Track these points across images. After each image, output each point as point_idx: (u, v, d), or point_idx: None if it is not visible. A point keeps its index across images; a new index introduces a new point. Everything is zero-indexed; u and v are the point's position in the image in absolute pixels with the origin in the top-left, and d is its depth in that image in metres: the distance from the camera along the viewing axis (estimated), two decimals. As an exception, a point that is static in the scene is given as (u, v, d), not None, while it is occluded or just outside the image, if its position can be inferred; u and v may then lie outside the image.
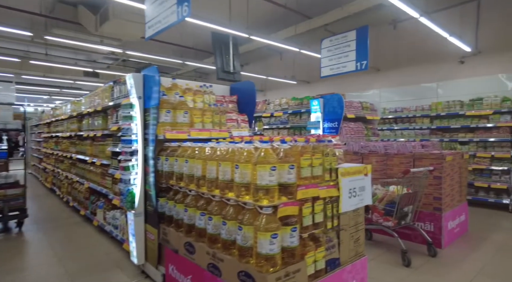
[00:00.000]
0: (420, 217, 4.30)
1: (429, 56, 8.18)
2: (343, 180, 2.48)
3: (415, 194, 4.04)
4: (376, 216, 4.09)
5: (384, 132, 8.26)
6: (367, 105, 5.93)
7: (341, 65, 5.36)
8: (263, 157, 2.04)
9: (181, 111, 3.25)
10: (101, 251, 4.11)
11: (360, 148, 5.08)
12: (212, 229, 2.43)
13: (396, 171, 4.57)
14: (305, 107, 6.02)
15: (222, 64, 5.86)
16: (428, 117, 7.41)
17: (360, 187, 2.66)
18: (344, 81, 9.78)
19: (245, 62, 13.19)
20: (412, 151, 4.50)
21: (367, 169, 2.74)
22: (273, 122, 6.76)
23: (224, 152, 2.41)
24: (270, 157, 2.05)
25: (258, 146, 2.15)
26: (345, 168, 2.50)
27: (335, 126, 5.41)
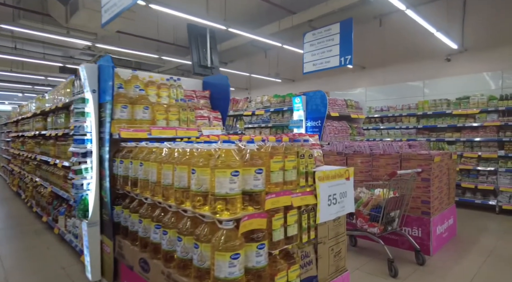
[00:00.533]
0: (407, 222, 4.03)
1: (415, 54, 7.99)
2: (321, 186, 2.15)
3: (402, 198, 3.76)
4: (361, 222, 3.79)
5: (369, 131, 8.03)
6: (352, 103, 5.65)
7: (325, 60, 5.06)
8: (223, 160, 1.68)
9: (141, 106, 2.85)
10: (57, 264, 3.67)
11: (344, 148, 4.78)
12: (167, 244, 2.06)
13: (382, 173, 4.29)
14: (288, 105, 5.69)
15: (199, 58, 5.47)
16: (415, 116, 7.21)
17: (341, 193, 2.33)
18: (329, 79, 9.53)
19: (229, 60, 12.81)
20: (399, 151, 4.23)
21: (349, 172, 2.41)
22: (254, 121, 6.41)
23: (182, 154, 2.04)
24: (231, 160, 1.69)
25: (220, 147, 1.79)
26: (324, 172, 2.17)
27: (318, 125, 5.10)
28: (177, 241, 1.95)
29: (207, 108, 3.64)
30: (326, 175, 2.19)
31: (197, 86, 3.89)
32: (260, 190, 1.78)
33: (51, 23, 7.87)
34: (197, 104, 3.55)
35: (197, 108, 3.43)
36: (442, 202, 4.23)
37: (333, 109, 5.21)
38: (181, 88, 3.41)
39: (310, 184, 2.13)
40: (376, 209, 3.68)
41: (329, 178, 2.22)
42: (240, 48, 10.89)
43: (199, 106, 3.55)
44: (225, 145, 1.73)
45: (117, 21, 7.79)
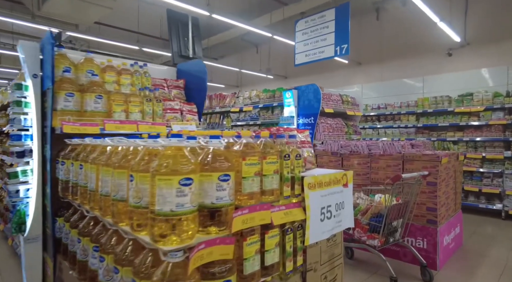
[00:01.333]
0: (410, 232, 3.56)
1: (414, 49, 7.56)
2: (312, 195, 1.64)
3: (406, 205, 3.28)
4: (359, 233, 3.30)
5: (366, 130, 7.57)
6: (348, 99, 5.17)
7: (318, 51, 4.57)
8: (168, 162, 1.16)
9: (92, 95, 2.32)
10: (2, 283, 3.10)
11: (339, 147, 4.29)
12: (104, 276, 1.53)
13: (382, 176, 3.81)
14: (278, 100, 5.19)
15: (179, 48, 4.93)
16: (414, 114, 6.76)
17: (337, 204, 1.83)
18: (324, 76, 9.06)
19: (219, 55, 12.27)
20: (401, 151, 3.75)
21: (347, 177, 1.91)
22: (242, 118, 5.90)
23: (123, 154, 1.51)
24: (181, 163, 1.17)
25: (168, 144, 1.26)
26: (315, 177, 1.66)
27: (311, 122, 4.61)
28: (113, 272, 1.43)
29: (180, 100, 3.12)
30: (319, 181, 1.68)
31: (171, 74, 3.37)
32: (226, 204, 1.27)
33: (21, 11, 7.25)
34: (167, 95, 3.02)
35: (167, 99, 2.90)
36: (449, 208, 3.76)
37: (327, 105, 4.73)
38: (148, 76, 2.87)
39: (297, 193, 1.63)
40: (377, 218, 3.20)
41: (322, 185, 1.72)
42: (230, 43, 10.37)
43: (169, 97, 3.02)
44: (173, 141, 1.21)
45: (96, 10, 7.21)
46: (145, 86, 2.83)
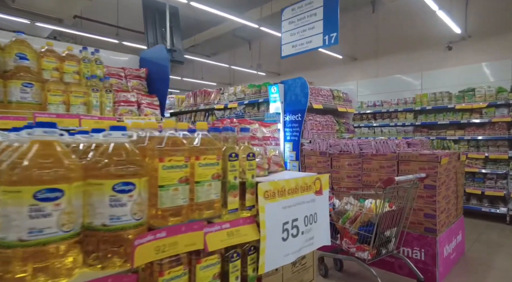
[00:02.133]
0: (406, 241, 3.16)
1: (412, 43, 7.17)
2: (270, 207, 1.24)
3: (401, 212, 2.88)
4: (347, 243, 2.90)
5: (361, 129, 7.18)
6: (340, 94, 4.78)
7: (306, 41, 4.17)
8: (26, 165, 0.76)
9: (18, 82, 1.92)
10: None
11: (328, 147, 3.89)
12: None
13: (375, 178, 3.41)
14: (264, 96, 4.80)
15: (155, 39, 4.55)
16: (412, 111, 6.37)
17: (308, 217, 1.43)
18: (317, 72, 8.67)
19: (211, 52, 11.87)
20: (396, 151, 3.35)
21: (321, 182, 1.51)
22: (227, 115, 5.50)
23: None
24: (43, 166, 0.77)
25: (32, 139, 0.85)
26: (275, 183, 1.27)
27: (298, 119, 4.21)
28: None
29: (141, 92, 2.72)
30: (280, 188, 1.29)
31: (133, 63, 2.97)
32: (127, 225, 0.87)
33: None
34: (123, 86, 2.62)
35: (121, 91, 2.50)
36: (449, 214, 3.36)
37: (316, 100, 4.33)
38: (100, 63, 2.47)
39: (249, 205, 1.23)
40: (367, 227, 2.80)
41: (285, 193, 1.32)
42: (222, 39, 9.98)
43: (125, 88, 2.62)
44: (37, 133, 0.81)
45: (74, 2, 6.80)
46: (95, 74, 2.43)
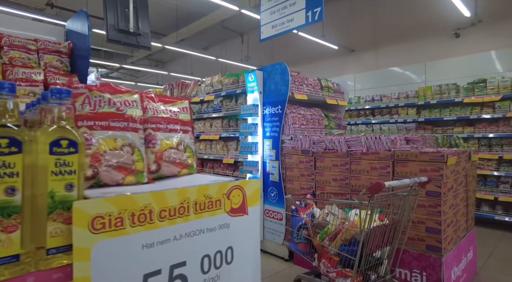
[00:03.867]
0: (403, 261, 2.52)
1: (414, 31, 6.50)
2: (103, 249, 0.62)
3: (395, 226, 2.24)
4: (326, 266, 2.27)
5: (358, 127, 6.52)
6: (329, 84, 4.14)
7: (287, 19, 3.55)
8: None
9: None
10: None
11: (311, 144, 3.26)
12: None
13: (366, 181, 2.78)
14: (243, 86, 4.18)
15: (116, 20, 3.93)
16: (414, 106, 5.70)
17: (210, 257, 0.80)
18: (311, 65, 8.04)
19: (203, 47, 11.30)
20: (391, 148, 2.71)
21: (242, 192, 0.89)
22: (205, 109, 4.89)
23: None
24: None
25: None
26: (123, 200, 0.63)
27: (279, 112, 3.59)
28: None
29: (59, 70, 2.11)
30: (137, 209, 0.65)
31: (56, 35, 2.36)
32: None
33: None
34: (30, 61, 2.01)
35: (24, 66, 1.89)
36: (458, 228, 2.70)
37: (299, 89, 3.69)
38: (-10, 29, 1.86)
39: (58, 244, 0.60)
40: (350, 246, 2.16)
41: (151, 217, 0.69)
42: (212, 32, 9.41)
43: (33, 65, 2.01)
44: None
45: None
46: (-16, 44, 1.82)
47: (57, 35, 2.36)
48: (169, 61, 13.93)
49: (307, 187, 3.26)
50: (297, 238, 2.60)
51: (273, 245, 3.57)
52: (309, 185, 3.24)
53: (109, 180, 0.78)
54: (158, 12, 9.03)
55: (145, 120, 0.93)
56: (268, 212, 3.66)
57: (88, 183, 0.75)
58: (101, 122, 0.79)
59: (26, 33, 2.24)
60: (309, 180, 3.26)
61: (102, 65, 13.07)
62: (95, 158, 0.76)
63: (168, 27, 9.97)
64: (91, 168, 0.75)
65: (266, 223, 3.68)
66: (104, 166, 0.76)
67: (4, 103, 0.56)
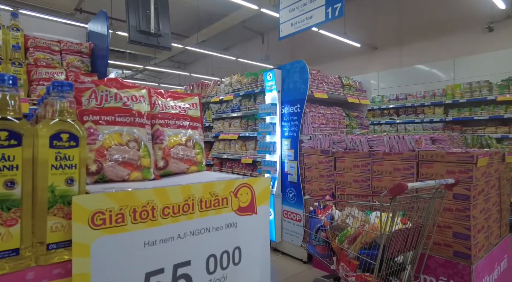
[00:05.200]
0: (429, 267, 2.39)
1: (443, 25, 6.20)
2: (104, 245, 0.60)
3: (419, 229, 2.12)
4: (345, 270, 2.18)
5: (382, 126, 6.30)
6: (350, 82, 4.02)
7: (306, 16, 3.48)
8: None
9: None
10: None
11: (331, 144, 3.17)
12: None
13: (388, 183, 2.66)
14: (261, 85, 4.14)
15: (138, 21, 4.03)
16: (442, 105, 5.43)
17: (216, 257, 0.77)
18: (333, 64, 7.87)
19: (224, 48, 11.38)
20: (415, 148, 2.58)
21: (251, 190, 0.85)
22: (224, 109, 4.90)
23: None
24: None
25: None
26: (123, 196, 0.61)
27: (297, 111, 3.52)
28: None
29: (80, 70, 2.17)
30: (138, 205, 0.63)
31: (79, 36, 2.44)
32: None
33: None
34: (53, 61, 2.07)
35: (44, 66, 1.96)
36: (490, 234, 2.53)
37: (319, 88, 3.61)
38: (17, 30, 1.94)
39: (58, 240, 0.59)
40: (370, 249, 2.07)
41: (153, 214, 0.67)
42: (233, 33, 9.44)
43: (56, 65, 2.07)
44: None
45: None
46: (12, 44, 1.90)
47: (80, 36, 2.43)
48: (191, 62, 14.15)
49: (327, 188, 3.17)
50: (315, 240, 2.53)
51: (292, 247, 3.51)
52: (329, 186, 3.16)
53: (114, 176, 0.77)
54: (179, 14, 9.19)
55: (153, 115, 0.92)
56: (286, 213, 3.60)
57: (93, 178, 0.74)
58: (107, 117, 0.78)
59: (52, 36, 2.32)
60: (328, 181, 3.17)
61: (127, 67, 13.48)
62: (100, 153, 0.75)
63: (189, 29, 10.12)
64: (95, 163, 0.74)
65: (285, 224, 3.62)
66: (109, 161, 0.75)
67: (4, 95, 0.56)
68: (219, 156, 4.72)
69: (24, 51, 2.04)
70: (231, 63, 9.91)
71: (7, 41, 1.90)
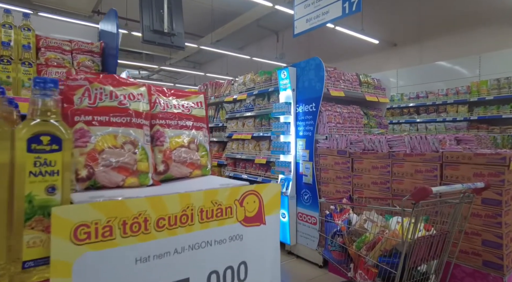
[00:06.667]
0: (455, 277, 2.23)
1: (467, 20, 5.91)
2: (88, 262, 0.52)
3: (444, 237, 1.97)
4: (363, 278, 2.06)
5: (401, 126, 6.08)
6: (368, 80, 3.86)
7: (322, 11, 3.35)
8: None
9: None
10: None
11: (348, 144, 3.04)
12: None
13: (409, 185, 2.52)
14: (275, 84, 4.04)
15: (151, 21, 4.02)
16: (466, 103, 5.16)
17: (219, 274, 0.69)
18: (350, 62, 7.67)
19: (238, 47, 11.33)
20: (439, 149, 2.42)
21: (259, 198, 0.76)
22: (237, 109, 4.82)
23: None
24: None
25: None
26: (110, 206, 0.54)
27: (313, 110, 3.40)
28: None
29: (91, 70, 2.14)
30: (129, 216, 0.56)
31: (91, 35, 2.42)
32: None
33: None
34: (64, 61, 2.05)
35: (55, 66, 1.94)
36: (522, 242, 2.33)
37: (335, 86, 3.48)
38: (28, 30, 1.93)
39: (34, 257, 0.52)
40: (391, 257, 1.94)
41: (146, 227, 0.59)
42: (247, 32, 9.37)
43: (67, 65, 2.05)
44: None
45: None
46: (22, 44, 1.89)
47: (93, 37, 2.42)
48: (206, 62, 14.20)
49: (343, 190, 3.04)
50: (331, 245, 2.42)
51: (307, 250, 3.40)
52: (346, 188, 3.02)
53: (108, 182, 0.70)
54: (194, 14, 9.21)
55: (153, 115, 0.85)
56: (301, 215, 3.49)
57: (83, 185, 0.67)
58: (101, 117, 0.72)
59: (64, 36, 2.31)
60: (345, 183, 3.04)
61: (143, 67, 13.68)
62: (92, 156, 0.68)
63: (204, 29, 10.14)
64: (86, 168, 0.67)
65: (299, 227, 3.51)
66: (101, 166, 0.69)
67: None
68: (232, 156, 4.65)
69: (35, 51, 2.03)
70: (246, 63, 9.85)
71: (19, 41, 1.89)
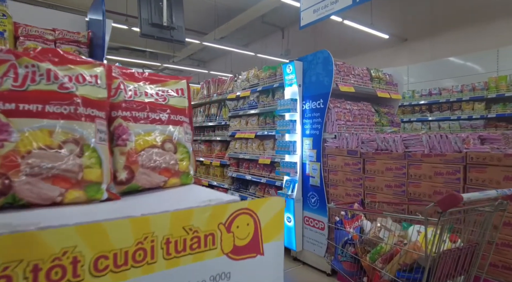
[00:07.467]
0: (480, 294, 1.97)
1: (483, 11, 5.60)
2: None
3: (472, 249, 1.73)
4: (378, 294, 1.83)
5: (413, 124, 5.80)
6: (380, 75, 3.61)
7: (330, 1, 3.12)
8: None
9: None
10: None
11: (359, 143, 2.80)
12: None
13: (428, 189, 2.28)
14: (280, 79, 3.82)
15: (150, 14, 3.82)
16: (483, 100, 4.88)
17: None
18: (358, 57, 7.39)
19: (243, 44, 11.11)
20: (462, 149, 2.18)
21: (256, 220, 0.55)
22: (241, 106, 4.61)
23: None
24: None
25: None
26: (25, 237, 0.32)
27: (320, 107, 3.17)
28: None
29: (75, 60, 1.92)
30: (40, 253, 0.34)
31: (78, 26, 2.22)
32: None
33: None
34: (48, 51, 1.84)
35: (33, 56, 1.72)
36: (558, 254, 2.08)
37: (344, 81, 3.24)
38: (3, 16, 1.73)
39: None
40: (411, 272, 1.70)
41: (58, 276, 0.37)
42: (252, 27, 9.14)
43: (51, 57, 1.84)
44: None
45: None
46: None
47: (79, 25, 2.22)
48: (210, 60, 14.01)
49: (354, 193, 2.81)
50: (341, 255, 2.19)
51: (314, 257, 3.18)
52: (357, 192, 2.79)
53: (36, 197, 0.49)
54: (197, 10, 9.01)
55: (114, 105, 0.64)
56: (307, 219, 3.27)
57: (-4, 203, 0.47)
58: (30, 106, 0.51)
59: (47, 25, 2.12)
60: (356, 186, 2.80)
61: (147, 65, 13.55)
62: (10, 161, 0.48)
63: (208, 26, 9.94)
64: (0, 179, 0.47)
65: (306, 232, 3.29)
66: (23, 175, 0.48)
67: None
68: (235, 156, 4.44)
69: (13, 40, 1.85)
70: (250, 60, 9.63)
71: (-7, 28, 1.69)
